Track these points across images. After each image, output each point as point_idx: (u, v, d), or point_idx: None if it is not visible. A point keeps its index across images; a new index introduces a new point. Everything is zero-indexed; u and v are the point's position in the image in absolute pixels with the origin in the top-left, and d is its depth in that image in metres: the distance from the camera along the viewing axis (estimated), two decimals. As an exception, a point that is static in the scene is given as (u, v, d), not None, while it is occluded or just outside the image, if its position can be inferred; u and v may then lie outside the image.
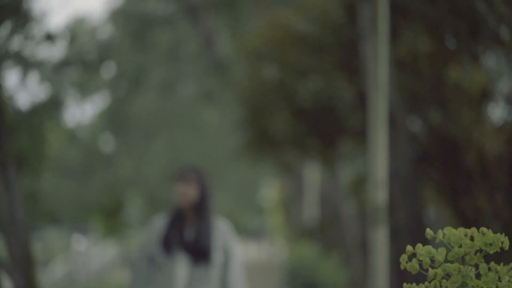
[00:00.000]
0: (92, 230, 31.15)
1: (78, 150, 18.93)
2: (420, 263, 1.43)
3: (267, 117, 7.76)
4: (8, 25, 10.66)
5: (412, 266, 1.45)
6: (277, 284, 15.49)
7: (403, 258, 1.44)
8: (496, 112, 7.97)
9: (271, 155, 8.29)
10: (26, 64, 11.65)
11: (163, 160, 21.39)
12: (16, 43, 11.26)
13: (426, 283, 1.41)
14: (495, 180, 7.19)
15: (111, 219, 27.00)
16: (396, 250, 7.98)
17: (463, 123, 7.56)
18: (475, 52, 6.87)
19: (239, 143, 8.93)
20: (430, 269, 1.41)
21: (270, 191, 32.82)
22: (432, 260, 1.40)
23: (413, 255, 1.43)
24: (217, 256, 4.05)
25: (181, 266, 4.03)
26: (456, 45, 6.88)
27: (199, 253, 4.03)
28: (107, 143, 20.48)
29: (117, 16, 17.59)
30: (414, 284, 1.47)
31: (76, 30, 15.08)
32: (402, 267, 1.49)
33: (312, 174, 15.02)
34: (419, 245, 1.46)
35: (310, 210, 15.41)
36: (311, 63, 7.41)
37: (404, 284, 1.48)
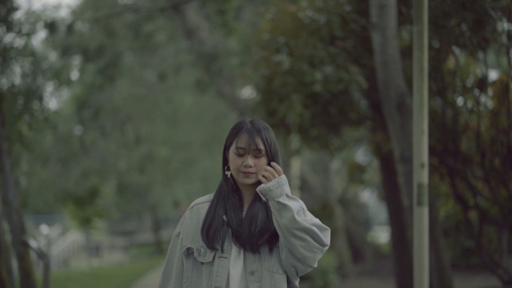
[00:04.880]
0: (61, 220, 30.85)
1: (55, 137, 18.81)
2: None
3: (277, 102, 7.85)
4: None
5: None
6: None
7: None
8: (490, 100, 8.27)
9: (279, 140, 8.39)
10: (12, 53, 11.60)
11: (138, 148, 21.36)
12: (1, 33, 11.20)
13: None
14: (490, 164, 7.49)
15: (84, 208, 26.78)
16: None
17: (460, 111, 7.85)
18: (480, 44, 7.07)
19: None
20: None
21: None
22: None
23: None
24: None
25: (235, 265, 2.85)
26: (460, 36, 7.08)
27: (257, 242, 2.83)
28: (82, 131, 20.39)
29: (90, 5, 17.51)
30: None
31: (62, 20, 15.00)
32: None
33: (297, 160, 15.22)
34: None
35: (296, 195, 15.61)
36: (321, 53, 7.54)
37: None
